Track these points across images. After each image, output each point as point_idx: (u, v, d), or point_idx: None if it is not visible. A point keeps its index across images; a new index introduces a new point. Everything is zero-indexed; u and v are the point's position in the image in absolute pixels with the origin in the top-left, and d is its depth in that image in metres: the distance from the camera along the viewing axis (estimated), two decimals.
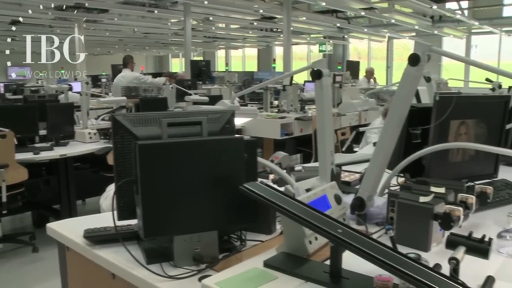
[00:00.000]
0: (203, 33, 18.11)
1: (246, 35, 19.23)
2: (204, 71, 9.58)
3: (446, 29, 16.40)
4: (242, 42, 22.27)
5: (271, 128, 6.18)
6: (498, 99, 2.42)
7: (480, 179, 2.20)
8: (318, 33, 18.91)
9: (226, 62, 22.90)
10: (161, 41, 21.12)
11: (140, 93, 7.12)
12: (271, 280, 1.36)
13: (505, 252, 1.58)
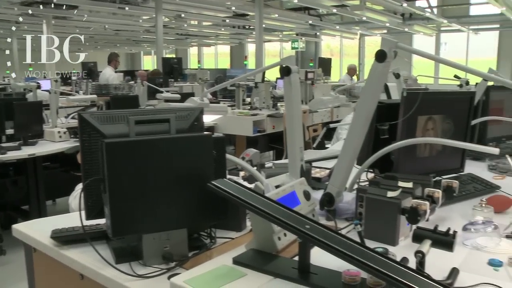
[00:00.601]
0: (175, 30, 17.99)
1: (218, 32, 19.19)
2: (176, 69, 9.51)
3: (416, 26, 16.66)
4: (214, 39, 22.21)
5: (243, 125, 6.18)
6: (464, 95, 2.47)
7: (447, 174, 2.24)
8: (291, 30, 18.97)
9: (198, 60, 22.80)
10: (133, 39, 20.91)
11: (110, 91, 7.03)
12: (240, 277, 1.36)
13: (469, 244, 1.61)
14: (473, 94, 2.33)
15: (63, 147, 4.72)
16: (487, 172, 2.80)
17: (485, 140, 3.22)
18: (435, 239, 1.33)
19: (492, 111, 3.21)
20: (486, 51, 18.44)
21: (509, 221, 1.86)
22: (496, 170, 2.79)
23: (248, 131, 6.15)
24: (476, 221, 1.67)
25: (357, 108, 1.69)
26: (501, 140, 3.48)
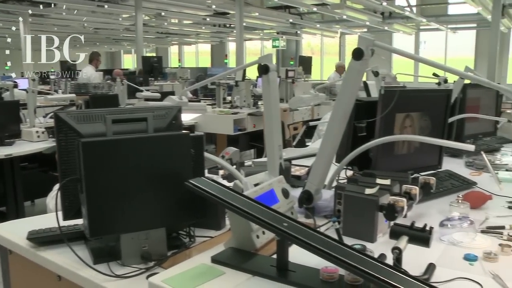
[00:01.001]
0: (155, 28, 17.88)
1: (199, 30, 19.12)
2: (156, 67, 9.46)
3: (396, 25, 16.82)
4: (195, 38, 22.12)
5: (224, 124, 6.18)
6: (441, 92, 2.50)
7: (425, 170, 2.26)
8: (271, 28, 19.00)
9: (179, 58, 22.69)
10: (113, 37, 20.72)
11: (90, 90, 6.95)
12: (219, 276, 1.35)
13: (446, 239, 1.64)
14: (450, 92, 2.36)
15: (41, 147, 4.65)
16: (464, 168, 2.84)
17: (463, 137, 3.27)
18: (412, 235, 1.34)
19: (469, 109, 3.25)
20: (464, 50, 18.70)
21: (484, 216, 1.89)
22: (473, 167, 2.83)
23: (228, 130, 6.15)
24: (453, 217, 1.69)
25: (335, 106, 1.70)
26: (478, 137, 3.53)
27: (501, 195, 2.17)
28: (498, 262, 1.48)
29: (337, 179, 2.09)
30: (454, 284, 1.32)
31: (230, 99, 7.38)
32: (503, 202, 2.10)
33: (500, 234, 1.70)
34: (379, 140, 1.87)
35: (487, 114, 3.45)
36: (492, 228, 1.76)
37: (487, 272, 1.40)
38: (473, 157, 2.88)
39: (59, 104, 6.07)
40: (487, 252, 1.50)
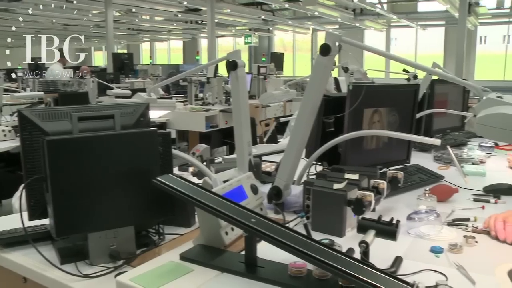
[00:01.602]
0: (126, 25, 17.67)
1: (171, 27, 18.96)
2: (127, 64, 9.35)
3: (367, 22, 16.97)
4: (167, 34, 21.93)
5: (195, 120, 6.15)
6: (408, 88, 2.53)
7: (394, 165, 2.29)
8: (244, 25, 18.98)
9: (150, 55, 22.48)
10: (82, 33, 20.37)
11: (59, 88, 6.82)
12: (187, 273, 1.35)
13: (413, 233, 1.66)
14: (417, 87, 2.39)
15: (8, 146, 4.54)
16: (432, 162, 2.88)
17: (431, 132, 3.32)
18: (379, 229, 1.36)
19: (437, 104, 3.31)
20: (434, 47, 19.02)
21: (451, 209, 1.93)
22: (441, 161, 2.88)
23: (200, 127, 6.12)
24: (420, 210, 1.71)
25: (303, 101, 1.70)
26: (446, 131, 3.60)
27: (467, 188, 2.21)
28: (462, 253, 1.51)
29: (308, 174, 2.10)
30: (420, 276, 1.34)
31: (202, 96, 7.35)
32: (469, 195, 2.14)
33: (465, 226, 1.74)
34: (347, 135, 1.89)
35: (455, 109, 3.52)
36: (458, 220, 1.79)
37: (452, 264, 1.43)
38: (441, 152, 2.93)
39: (27, 102, 5.94)
40: (453, 244, 1.53)
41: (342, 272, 1.15)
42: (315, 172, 2.20)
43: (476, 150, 3.26)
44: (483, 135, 1.66)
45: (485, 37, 19.21)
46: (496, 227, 1.62)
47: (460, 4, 10.87)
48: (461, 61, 8.14)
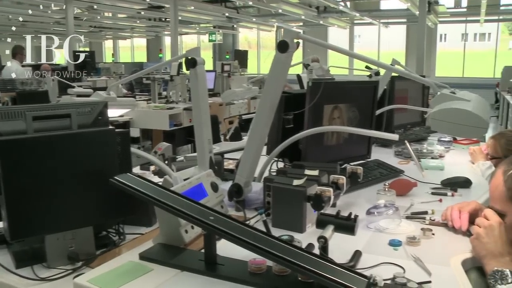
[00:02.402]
0: (88, 22, 17.31)
1: (134, 24, 18.69)
2: (88, 63, 9.18)
3: (330, 19, 17.13)
4: (130, 32, 21.62)
5: (159, 119, 6.09)
6: (367, 84, 2.56)
7: (354, 160, 2.31)
8: (208, 22, 18.86)
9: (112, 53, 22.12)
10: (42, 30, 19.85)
11: (17, 86, 6.64)
12: (146, 273, 1.33)
13: (373, 227, 1.68)
14: (377, 84, 2.42)
15: None
16: (393, 157, 2.93)
17: (392, 128, 3.38)
18: (338, 224, 1.37)
19: (398, 100, 3.37)
20: (396, 44, 19.36)
21: (410, 203, 1.96)
22: (402, 156, 2.93)
23: (164, 125, 6.07)
24: (379, 204, 1.73)
25: (261, 98, 1.70)
26: (406, 127, 3.66)
27: (426, 182, 2.26)
28: (420, 245, 1.54)
29: (269, 171, 2.10)
30: (379, 269, 1.36)
31: (166, 94, 7.29)
32: (428, 188, 2.19)
33: (423, 219, 1.77)
34: (306, 132, 1.90)
35: (415, 105, 3.58)
36: (416, 213, 1.82)
37: (410, 256, 1.45)
38: (402, 147, 2.98)
39: None
40: (410, 237, 1.56)
41: (300, 267, 1.15)
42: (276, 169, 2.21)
43: (436, 144, 3.33)
44: (436, 130, 1.70)
45: (445, 35, 19.70)
46: (452, 216, 1.66)
47: (420, 2, 11.10)
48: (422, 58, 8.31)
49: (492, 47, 18.59)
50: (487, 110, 1.65)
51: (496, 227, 1.44)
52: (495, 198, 1.47)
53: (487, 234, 1.44)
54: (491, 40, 18.93)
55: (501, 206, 1.44)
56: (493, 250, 1.40)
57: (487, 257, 1.41)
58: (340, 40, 19.69)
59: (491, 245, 1.42)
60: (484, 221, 1.47)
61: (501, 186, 1.42)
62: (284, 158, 2.16)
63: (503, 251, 1.40)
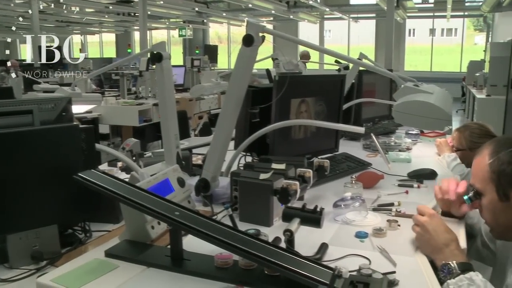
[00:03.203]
0: (54, 16, 16.94)
1: (102, 19, 18.38)
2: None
3: (301, 14, 17.18)
4: (98, 27, 21.25)
5: (128, 115, 6.02)
6: (334, 78, 2.57)
7: (322, 154, 2.33)
8: (178, 17, 18.69)
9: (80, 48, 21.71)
10: (6, 25, 19.34)
11: None
12: (112, 270, 1.32)
13: (340, 219, 1.70)
14: (343, 77, 2.44)
15: None
16: (362, 151, 2.96)
17: (361, 121, 3.41)
18: (304, 217, 1.37)
19: (365, 94, 3.40)
20: (366, 38, 19.55)
21: (377, 195, 1.99)
22: (370, 149, 2.96)
23: (133, 121, 6.00)
24: (346, 197, 1.75)
25: (227, 92, 1.69)
26: (375, 120, 3.70)
27: (393, 174, 2.29)
28: (386, 237, 1.57)
29: (238, 166, 2.10)
30: (345, 261, 1.37)
31: (135, 89, 7.20)
32: (394, 180, 2.22)
33: (390, 211, 1.80)
34: (272, 126, 1.90)
35: (383, 99, 3.62)
36: (383, 205, 1.85)
37: (376, 247, 1.47)
38: (370, 140, 3.01)
39: None
40: (377, 229, 1.58)
41: (265, 261, 1.16)
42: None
43: (404, 137, 3.38)
44: (400, 122, 1.72)
45: (414, 30, 19.98)
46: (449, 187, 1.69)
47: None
48: (390, 52, 8.39)
49: (458, 42, 18.96)
50: (449, 102, 1.68)
51: (431, 221, 1.47)
52: (477, 177, 1.48)
53: (425, 230, 1.45)
54: (458, 35, 19.31)
55: (481, 186, 1.46)
56: (437, 244, 1.42)
57: (433, 252, 1.42)
58: (311, 35, 19.76)
59: (433, 240, 1.43)
60: (419, 218, 1.49)
61: (485, 167, 1.43)
62: (252, 153, 2.15)
63: (446, 241, 1.41)
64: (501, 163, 1.39)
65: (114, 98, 6.50)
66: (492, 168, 1.41)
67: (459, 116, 12.53)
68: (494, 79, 8.60)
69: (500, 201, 1.41)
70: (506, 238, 1.53)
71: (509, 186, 1.38)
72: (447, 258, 1.36)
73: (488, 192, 1.44)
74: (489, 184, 1.43)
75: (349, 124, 2.63)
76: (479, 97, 9.00)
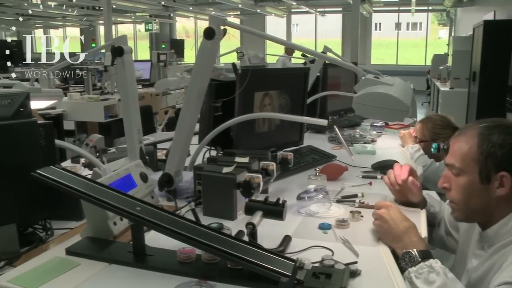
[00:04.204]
0: (14, 9, 16.48)
1: (66, 13, 17.98)
2: (15, 53, 8.76)
3: (268, 8, 17.18)
4: (62, 21, 20.78)
5: (94, 111, 5.90)
6: (298, 71, 2.58)
7: (287, 147, 2.34)
8: (144, 11, 18.44)
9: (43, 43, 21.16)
10: None
11: None
12: (73, 268, 1.30)
13: (304, 211, 1.71)
14: (307, 70, 2.45)
15: None
16: (327, 143, 2.99)
17: (326, 114, 3.44)
18: (266, 209, 1.38)
19: (330, 87, 3.42)
20: (333, 32, 19.71)
21: (341, 187, 2.01)
22: (335, 141, 2.99)
23: (99, 117, 5.88)
24: (309, 189, 1.76)
25: (189, 86, 1.68)
26: (340, 113, 3.74)
27: (358, 166, 2.32)
28: (349, 228, 1.58)
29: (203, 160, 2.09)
30: (308, 253, 1.38)
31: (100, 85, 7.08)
32: (359, 172, 2.25)
33: (353, 202, 1.82)
34: (235, 119, 1.89)
35: (348, 92, 3.65)
36: (346, 197, 1.87)
37: (339, 238, 1.49)
38: (335, 133, 3.04)
39: None
40: (340, 220, 1.60)
41: (227, 254, 1.16)
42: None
43: (369, 130, 3.43)
44: (360, 114, 1.74)
45: (380, 24, 20.24)
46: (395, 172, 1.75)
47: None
48: (356, 46, 8.49)
49: (423, 36, 19.30)
50: (409, 94, 1.71)
51: (388, 211, 1.50)
52: (458, 157, 1.46)
53: (384, 221, 1.48)
54: (422, 30, 19.65)
55: (462, 165, 1.45)
56: (396, 233, 1.44)
57: (393, 241, 1.45)
58: (278, 29, 19.81)
59: (392, 229, 1.46)
60: (377, 210, 1.53)
61: (472, 147, 1.42)
62: (217, 147, 2.14)
63: (404, 229, 1.44)
64: (491, 145, 1.39)
65: (78, 94, 6.36)
66: (480, 150, 1.40)
67: (424, 108, 12.77)
68: (457, 72, 8.79)
69: (480, 183, 1.41)
70: (467, 220, 1.56)
71: (494, 169, 1.38)
72: (406, 246, 1.39)
73: (469, 172, 1.43)
74: (472, 165, 1.42)
75: (314, 117, 2.64)
76: (443, 90, 9.19)
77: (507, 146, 1.38)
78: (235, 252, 1.16)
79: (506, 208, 1.41)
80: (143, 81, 7.54)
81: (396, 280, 1.26)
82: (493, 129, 1.42)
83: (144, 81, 7.58)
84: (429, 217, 1.82)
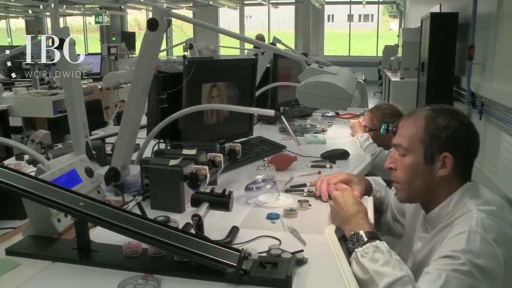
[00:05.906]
0: None
1: (8, 3, 17.30)
2: None
3: (220, 0, 17.09)
4: (4, 12, 19.98)
5: (42, 106, 5.73)
6: (246, 62, 2.58)
7: (237, 138, 2.34)
8: (93, 3, 17.99)
9: None
10: None
11: None
12: (13, 268, 1.25)
13: (252, 202, 1.71)
14: (255, 61, 2.44)
15: None
16: (278, 134, 3.01)
17: (277, 105, 3.46)
18: (212, 201, 1.37)
19: (281, 78, 3.43)
20: (287, 24, 19.82)
21: (290, 176, 2.03)
22: (286, 132, 3.00)
23: (48, 113, 5.72)
24: (257, 180, 1.76)
25: (133, 78, 1.65)
26: (291, 104, 3.77)
27: (307, 155, 2.34)
28: (297, 217, 1.60)
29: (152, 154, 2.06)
30: (256, 243, 1.38)
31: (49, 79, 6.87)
32: (308, 162, 2.27)
33: (302, 191, 1.84)
34: (182, 111, 1.87)
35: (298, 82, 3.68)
36: (295, 186, 1.89)
37: (286, 228, 1.50)
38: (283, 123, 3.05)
39: None
40: (288, 209, 1.61)
41: (172, 247, 1.16)
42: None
43: (320, 120, 3.47)
44: (304, 103, 1.76)
45: (333, 16, 20.50)
46: (320, 190, 1.77)
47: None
48: (308, 37, 8.58)
49: (374, 28, 19.67)
50: (353, 83, 1.73)
51: (343, 194, 1.57)
52: (406, 137, 1.51)
53: (337, 203, 1.55)
54: (374, 21, 20.01)
55: (409, 145, 1.49)
56: (345, 215, 1.50)
57: (342, 223, 1.50)
58: (232, 21, 19.76)
59: (342, 211, 1.52)
60: (334, 192, 1.62)
61: (420, 128, 1.47)
62: (165, 140, 2.12)
63: (354, 212, 1.49)
64: (437, 127, 1.44)
65: (25, 89, 6.16)
66: (427, 131, 1.46)
67: (376, 98, 13.04)
68: (406, 63, 8.99)
69: (424, 163, 1.46)
70: (410, 201, 1.61)
71: (438, 150, 1.44)
72: (354, 228, 1.43)
73: (415, 152, 1.48)
74: (418, 145, 1.47)
75: (265, 108, 2.65)
76: (394, 80, 9.40)
77: (450, 128, 1.44)
78: (181, 244, 1.16)
79: (448, 190, 1.46)
80: (93, 75, 7.38)
81: (342, 266, 1.29)
82: (440, 112, 1.48)
83: (94, 74, 7.41)
84: (376, 203, 1.86)
